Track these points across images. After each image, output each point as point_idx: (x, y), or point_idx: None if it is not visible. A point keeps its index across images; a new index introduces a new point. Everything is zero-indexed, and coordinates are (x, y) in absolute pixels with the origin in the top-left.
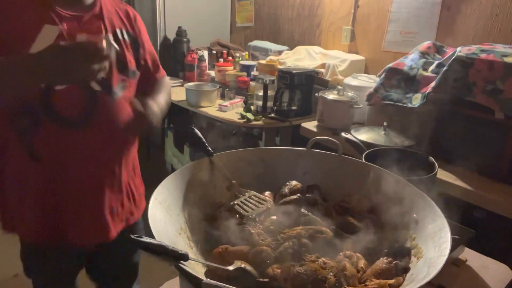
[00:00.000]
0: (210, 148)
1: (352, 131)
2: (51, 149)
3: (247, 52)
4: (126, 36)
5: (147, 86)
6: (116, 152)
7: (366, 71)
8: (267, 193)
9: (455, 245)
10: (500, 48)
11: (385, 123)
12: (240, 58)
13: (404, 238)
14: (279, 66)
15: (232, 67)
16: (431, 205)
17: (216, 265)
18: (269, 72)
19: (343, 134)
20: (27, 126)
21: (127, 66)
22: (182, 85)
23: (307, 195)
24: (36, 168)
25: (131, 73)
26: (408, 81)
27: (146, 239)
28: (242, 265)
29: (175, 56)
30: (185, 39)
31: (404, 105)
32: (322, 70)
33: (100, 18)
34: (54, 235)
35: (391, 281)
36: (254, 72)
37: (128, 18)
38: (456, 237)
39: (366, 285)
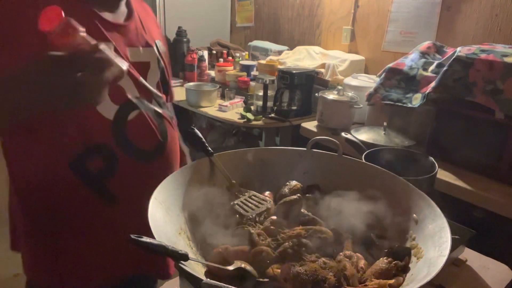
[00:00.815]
0: (210, 148)
1: (352, 131)
2: (127, 188)
3: (247, 52)
4: (161, 48)
5: None
6: None
7: (366, 71)
8: (267, 193)
9: (455, 245)
10: (500, 48)
11: (385, 123)
12: (240, 58)
13: (404, 238)
14: (279, 66)
15: (232, 67)
16: (431, 205)
17: (216, 265)
18: (269, 72)
19: (343, 134)
20: (99, 167)
21: (168, 84)
22: (182, 85)
23: (307, 195)
24: (107, 211)
25: (169, 91)
26: (408, 81)
27: (146, 239)
28: (242, 265)
29: (175, 56)
30: (185, 39)
31: (404, 105)
32: (322, 70)
33: (142, 28)
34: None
35: (391, 281)
36: (254, 72)
37: (157, 25)
38: (456, 237)
39: (366, 285)
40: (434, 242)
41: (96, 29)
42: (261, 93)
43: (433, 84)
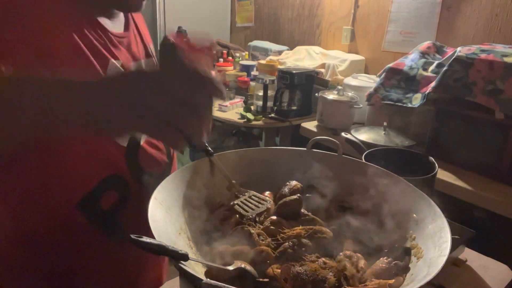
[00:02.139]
0: (210, 148)
1: (352, 131)
2: (137, 219)
3: (247, 52)
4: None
5: None
6: None
7: (366, 71)
8: (267, 193)
9: (455, 245)
10: (500, 48)
11: (385, 123)
12: (240, 58)
13: (404, 238)
14: (279, 66)
15: (232, 67)
16: (431, 205)
17: (216, 265)
18: (269, 72)
19: (343, 134)
20: (112, 203)
21: None
22: None
23: (307, 195)
24: (116, 249)
25: None
26: (408, 81)
27: (146, 239)
28: (242, 265)
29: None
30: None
31: (404, 105)
32: (322, 70)
33: (139, 34)
34: None
35: (391, 281)
36: (254, 72)
37: (145, 24)
38: (456, 237)
39: (366, 285)
40: (434, 242)
41: (102, 44)
42: (261, 93)
43: (433, 84)
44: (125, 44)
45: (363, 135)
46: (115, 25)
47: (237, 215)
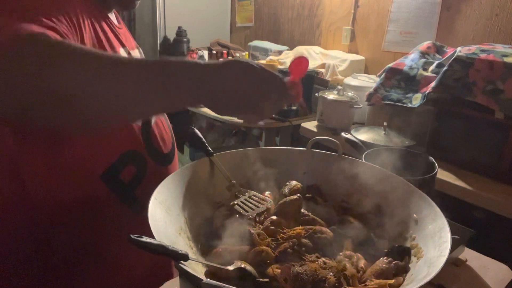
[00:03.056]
0: (210, 148)
1: (352, 131)
2: (150, 194)
3: (247, 52)
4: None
5: None
6: None
7: (366, 71)
8: (267, 193)
9: (455, 245)
10: (500, 48)
11: (385, 123)
12: None
13: (404, 238)
14: (279, 66)
15: None
16: (431, 205)
17: (216, 265)
18: None
19: (343, 134)
20: (131, 176)
21: None
22: None
23: (307, 195)
24: (133, 222)
25: None
26: (408, 81)
27: (146, 239)
28: (242, 265)
29: (175, 56)
30: (185, 39)
31: (404, 105)
32: (322, 70)
33: (126, 28)
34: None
35: (391, 281)
36: None
37: None
38: (456, 237)
39: (366, 285)
40: (434, 242)
41: (115, 33)
42: None
43: (433, 84)
44: (124, 34)
45: (363, 135)
46: (113, 18)
47: (237, 215)
